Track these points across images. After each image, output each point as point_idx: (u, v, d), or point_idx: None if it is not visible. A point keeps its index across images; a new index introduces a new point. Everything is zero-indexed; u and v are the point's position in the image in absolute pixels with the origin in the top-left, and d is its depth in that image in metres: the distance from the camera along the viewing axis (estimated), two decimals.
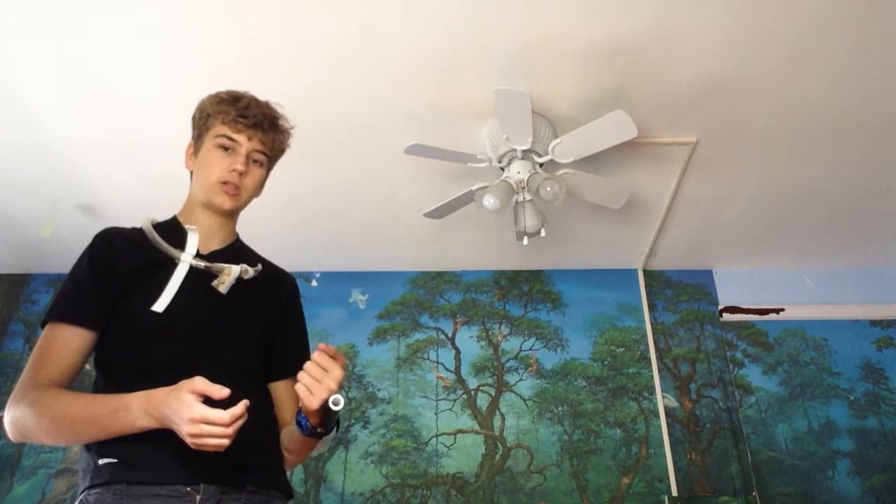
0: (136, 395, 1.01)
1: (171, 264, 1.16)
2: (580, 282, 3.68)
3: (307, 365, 1.05)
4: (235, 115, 1.23)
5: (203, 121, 1.26)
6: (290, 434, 1.20)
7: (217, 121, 1.24)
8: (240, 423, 0.97)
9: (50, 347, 1.09)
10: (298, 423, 1.13)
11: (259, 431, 1.17)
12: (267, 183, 1.36)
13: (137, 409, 1.00)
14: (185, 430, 0.94)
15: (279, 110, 1.30)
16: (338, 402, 1.05)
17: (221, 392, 0.96)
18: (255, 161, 1.26)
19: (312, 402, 1.05)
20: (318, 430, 1.12)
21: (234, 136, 1.23)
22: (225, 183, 1.22)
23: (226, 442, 0.96)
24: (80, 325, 1.10)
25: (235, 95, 1.26)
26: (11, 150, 2.69)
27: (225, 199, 1.23)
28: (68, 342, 1.09)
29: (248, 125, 1.23)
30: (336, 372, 1.04)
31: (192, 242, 1.20)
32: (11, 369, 3.37)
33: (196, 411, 0.93)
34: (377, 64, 2.28)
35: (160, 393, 0.99)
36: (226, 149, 1.23)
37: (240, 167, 1.22)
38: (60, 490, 3.07)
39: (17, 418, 1.04)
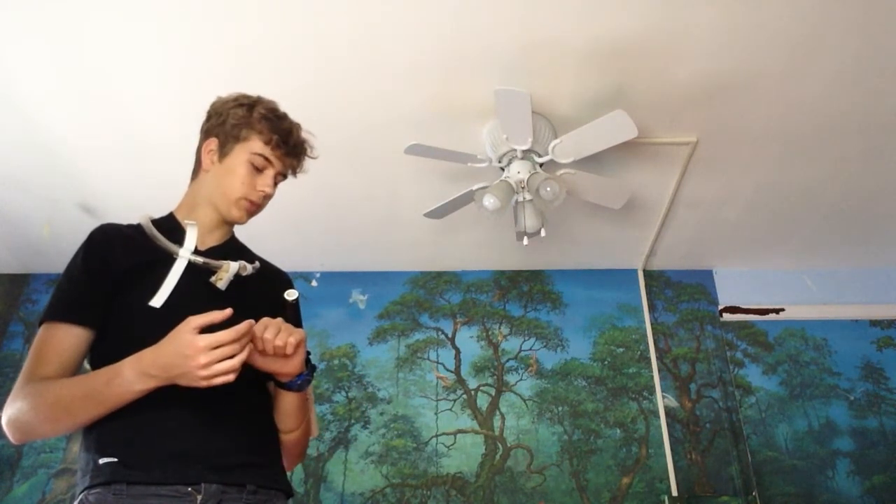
0: (126, 361, 1.00)
1: (170, 260, 1.16)
2: (580, 282, 3.68)
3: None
4: (278, 140, 1.24)
5: (237, 129, 1.24)
6: (284, 409, 1.20)
7: (256, 137, 1.23)
8: (246, 341, 1.00)
9: (46, 346, 1.08)
10: (287, 386, 1.15)
11: (259, 431, 1.17)
12: None
13: (131, 374, 1.00)
14: (199, 362, 0.95)
15: (309, 138, 1.33)
16: (291, 294, 1.10)
17: (223, 313, 0.98)
18: (275, 182, 1.28)
19: (286, 367, 1.10)
20: (304, 373, 1.15)
21: (272, 159, 1.25)
22: (250, 201, 1.24)
23: (238, 364, 0.97)
24: (76, 323, 1.10)
25: (278, 114, 1.26)
26: (11, 150, 2.69)
27: (243, 215, 1.26)
28: (65, 340, 1.09)
29: (286, 153, 1.25)
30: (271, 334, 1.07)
31: (191, 237, 1.20)
32: (11, 369, 3.37)
33: (203, 339, 0.95)
34: (377, 64, 2.28)
35: (150, 350, 0.99)
36: (258, 168, 1.24)
37: (269, 190, 1.25)
38: (60, 490, 3.08)
39: (15, 415, 1.03)
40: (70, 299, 1.12)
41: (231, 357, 0.97)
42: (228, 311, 0.99)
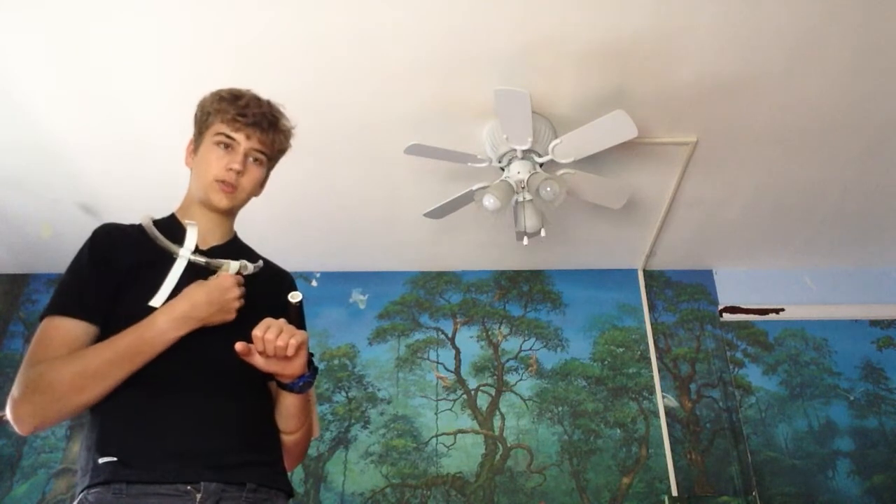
0: (155, 314, 1.08)
1: (170, 260, 1.16)
2: (580, 282, 3.68)
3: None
4: (235, 114, 1.23)
5: (203, 118, 1.26)
6: (285, 410, 1.21)
7: (217, 119, 1.24)
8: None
9: (53, 336, 1.07)
10: (288, 387, 1.16)
11: (260, 430, 1.17)
12: (267, 183, 1.36)
13: (165, 323, 1.07)
14: (236, 293, 1.14)
15: (280, 109, 1.30)
16: (295, 297, 1.16)
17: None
18: (254, 160, 1.26)
19: (287, 368, 1.13)
20: (306, 374, 1.16)
21: (233, 134, 1.23)
22: (222, 181, 1.22)
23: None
24: (81, 318, 1.09)
25: (236, 94, 1.26)
26: (11, 150, 2.69)
27: (221, 198, 1.23)
28: (70, 332, 1.08)
29: (246, 124, 1.23)
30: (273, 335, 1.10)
31: (191, 237, 1.20)
32: (11, 369, 3.37)
33: (235, 285, 1.15)
34: (378, 64, 2.29)
35: (181, 300, 1.09)
36: (224, 147, 1.23)
37: (237, 166, 1.22)
38: (60, 490, 3.07)
39: (27, 396, 1.01)
40: (74, 295, 1.12)
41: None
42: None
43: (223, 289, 1.12)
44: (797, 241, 3.45)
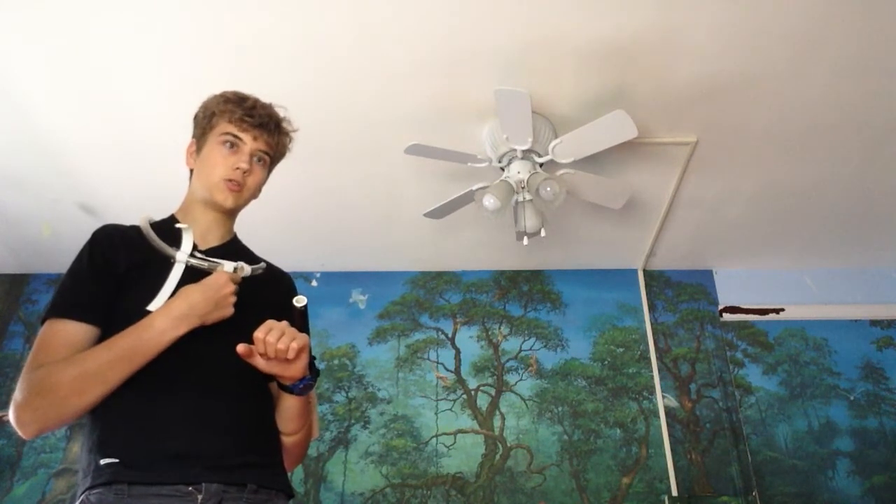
0: (153, 315, 1.08)
1: (166, 262, 1.17)
2: (580, 282, 3.68)
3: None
4: (242, 115, 1.24)
5: (207, 119, 1.27)
6: (285, 412, 1.21)
7: (223, 119, 1.25)
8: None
9: (54, 338, 1.07)
10: (289, 389, 1.17)
11: (260, 431, 1.17)
12: (267, 182, 1.36)
13: (163, 323, 1.06)
14: (230, 289, 1.13)
15: (283, 113, 1.32)
16: (300, 301, 1.16)
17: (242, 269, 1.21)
18: (259, 160, 1.28)
19: (287, 370, 1.12)
20: (307, 377, 1.16)
21: (240, 134, 1.25)
22: (229, 181, 1.23)
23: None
24: (82, 320, 1.09)
25: (241, 96, 1.28)
26: (11, 150, 2.69)
27: (227, 197, 1.24)
28: (73, 334, 1.08)
29: (253, 125, 1.25)
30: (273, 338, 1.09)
31: (187, 241, 1.21)
32: (11, 369, 3.37)
33: (229, 281, 1.14)
34: (377, 64, 2.29)
35: (178, 300, 1.09)
36: (231, 147, 1.24)
37: (244, 165, 1.23)
38: (60, 490, 3.07)
39: (30, 401, 1.01)
40: (75, 297, 1.12)
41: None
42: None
43: (218, 285, 1.12)
44: (797, 241, 3.45)
